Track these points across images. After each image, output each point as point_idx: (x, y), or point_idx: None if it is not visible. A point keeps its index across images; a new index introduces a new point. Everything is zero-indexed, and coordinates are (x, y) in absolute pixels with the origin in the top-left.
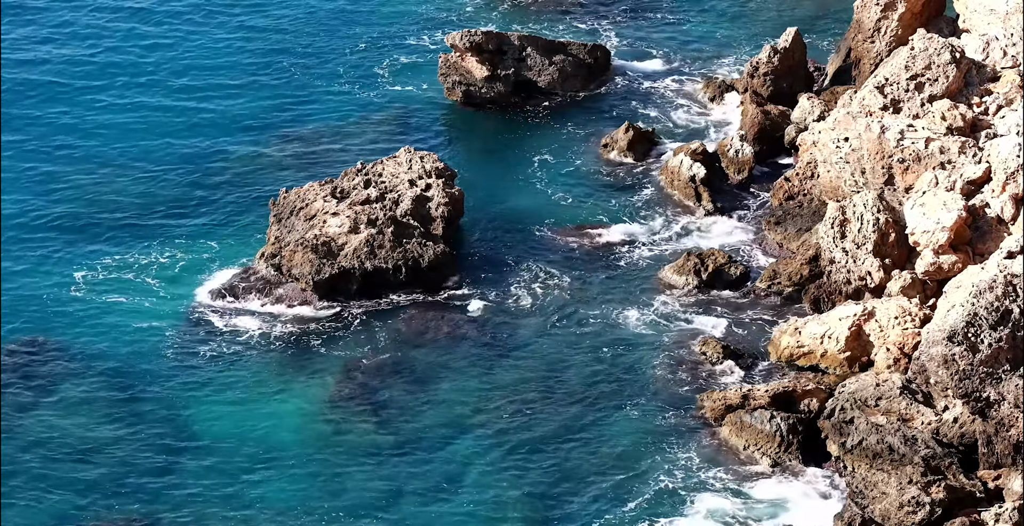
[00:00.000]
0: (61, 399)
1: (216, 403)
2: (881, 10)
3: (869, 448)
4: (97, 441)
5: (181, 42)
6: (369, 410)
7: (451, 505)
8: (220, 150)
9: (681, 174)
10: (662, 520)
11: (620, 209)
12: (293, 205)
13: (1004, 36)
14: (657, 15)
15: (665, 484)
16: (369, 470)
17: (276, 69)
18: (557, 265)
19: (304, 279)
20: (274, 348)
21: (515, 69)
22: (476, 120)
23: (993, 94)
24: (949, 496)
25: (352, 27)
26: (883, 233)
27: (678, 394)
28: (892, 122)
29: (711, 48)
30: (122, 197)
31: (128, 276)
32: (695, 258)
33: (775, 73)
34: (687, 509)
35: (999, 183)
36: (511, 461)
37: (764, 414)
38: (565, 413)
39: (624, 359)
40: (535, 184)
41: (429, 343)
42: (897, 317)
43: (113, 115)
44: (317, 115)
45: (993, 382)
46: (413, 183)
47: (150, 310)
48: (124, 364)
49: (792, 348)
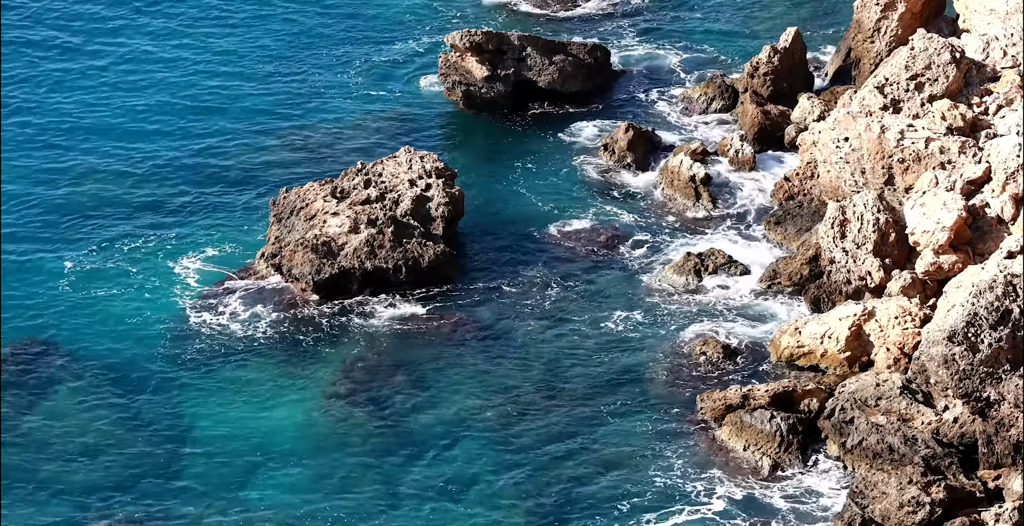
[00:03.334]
0: (60, 399)
1: (216, 403)
2: (881, 10)
3: (869, 448)
4: (96, 441)
5: (182, 42)
6: (369, 410)
7: (450, 505)
8: (220, 150)
9: (681, 174)
10: (662, 520)
11: (620, 209)
12: (293, 205)
13: (1004, 36)
14: (657, 15)
15: (665, 484)
16: (369, 470)
17: (276, 69)
18: (557, 264)
19: (304, 279)
20: (274, 348)
21: (515, 69)
22: (476, 120)
23: (993, 94)
24: (949, 496)
25: (352, 27)
26: (883, 233)
27: (678, 394)
28: (892, 122)
29: (711, 48)
30: (122, 196)
31: (128, 275)
32: (695, 258)
33: (775, 73)
34: (687, 509)
35: (999, 183)
36: (511, 461)
37: (764, 414)
38: (565, 412)
39: (624, 359)
40: (535, 184)
41: (429, 343)
42: (897, 317)
43: (113, 114)
44: (317, 115)
45: (993, 382)
46: (413, 183)
47: (150, 309)
48: (123, 363)
49: (792, 348)
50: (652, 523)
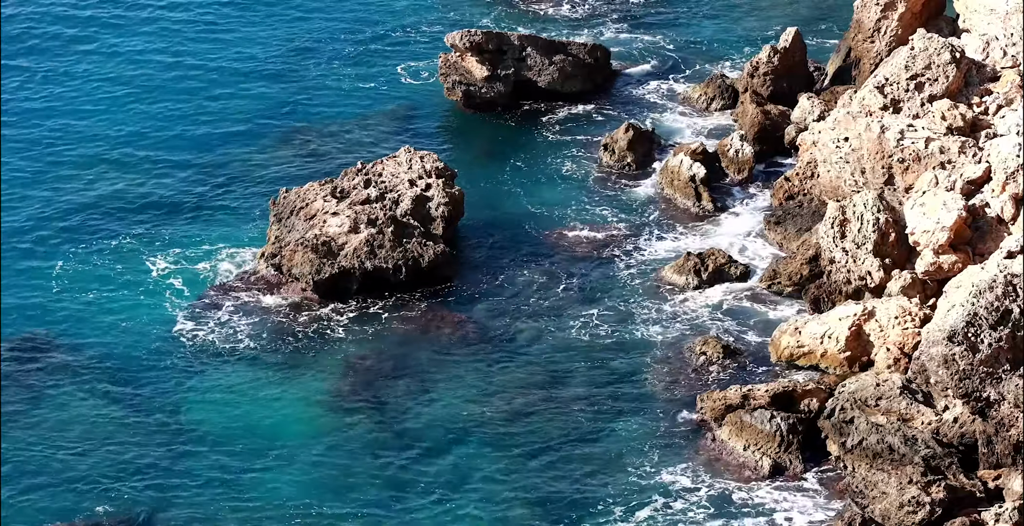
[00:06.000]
0: (60, 397)
1: (216, 402)
2: (881, 10)
3: (869, 448)
4: (97, 439)
5: (182, 42)
6: (369, 410)
7: (450, 504)
8: (220, 150)
9: (681, 174)
10: (662, 520)
11: (620, 209)
12: (293, 205)
13: (1004, 36)
14: (657, 15)
15: (665, 483)
16: (369, 470)
17: (276, 69)
18: (557, 265)
19: (304, 279)
20: (273, 348)
21: (515, 69)
22: (476, 120)
23: (993, 94)
24: (949, 496)
25: (353, 27)
26: (883, 233)
27: (678, 394)
28: (892, 122)
29: (711, 48)
30: (122, 195)
31: (128, 274)
32: (695, 258)
33: (775, 73)
34: (687, 509)
35: (999, 183)
36: (510, 461)
37: (764, 414)
38: (565, 412)
39: (624, 359)
40: (535, 184)
41: (429, 343)
42: (897, 317)
43: (113, 114)
44: (317, 115)
45: (993, 382)
46: (413, 183)
47: (149, 308)
48: (123, 362)
49: (792, 348)
50: (652, 523)
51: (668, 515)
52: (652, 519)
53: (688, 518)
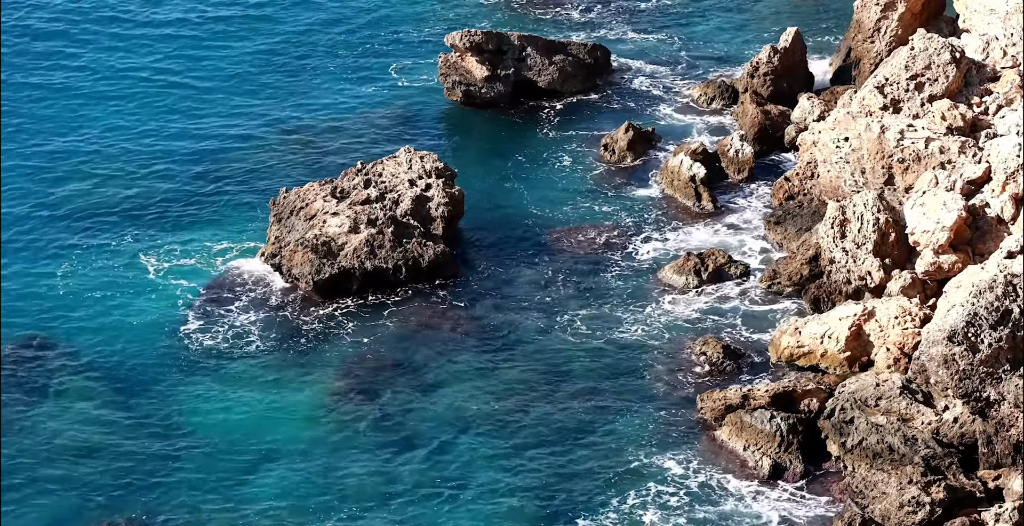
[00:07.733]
0: (60, 398)
1: (216, 402)
2: (881, 10)
3: (869, 448)
4: (96, 440)
5: (181, 42)
6: (369, 409)
7: (450, 503)
8: (220, 150)
9: (681, 174)
10: (661, 520)
11: (620, 209)
12: (293, 205)
13: (1004, 36)
14: (657, 15)
15: (664, 483)
16: (369, 469)
17: (276, 69)
18: (557, 265)
19: (304, 279)
20: (274, 348)
21: (515, 69)
22: (476, 120)
23: (993, 94)
24: (949, 496)
25: (353, 27)
26: (883, 233)
27: (678, 394)
28: (892, 122)
29: (711, 48)
30: (122, 195)
31: (127, 274)
32: (695, 258)
33: (775, 73)
34: (687, 508)
35: (999, 183)
36: (510, 460)
37: (764, 414)
38: (565, 412)
39: (624, 359)
40: (535, 184)
41: (429, 343)
42: (897, 317)
43: (113, 113)
44: (317, 115)
45: (993, 382)
46: (413, 183)
47: (149, 308)
48: (123, 362)
49: (792, 348)
50: (651, 522)
51: (667, 514)
52: (651, 518)
53: (688, 517)
